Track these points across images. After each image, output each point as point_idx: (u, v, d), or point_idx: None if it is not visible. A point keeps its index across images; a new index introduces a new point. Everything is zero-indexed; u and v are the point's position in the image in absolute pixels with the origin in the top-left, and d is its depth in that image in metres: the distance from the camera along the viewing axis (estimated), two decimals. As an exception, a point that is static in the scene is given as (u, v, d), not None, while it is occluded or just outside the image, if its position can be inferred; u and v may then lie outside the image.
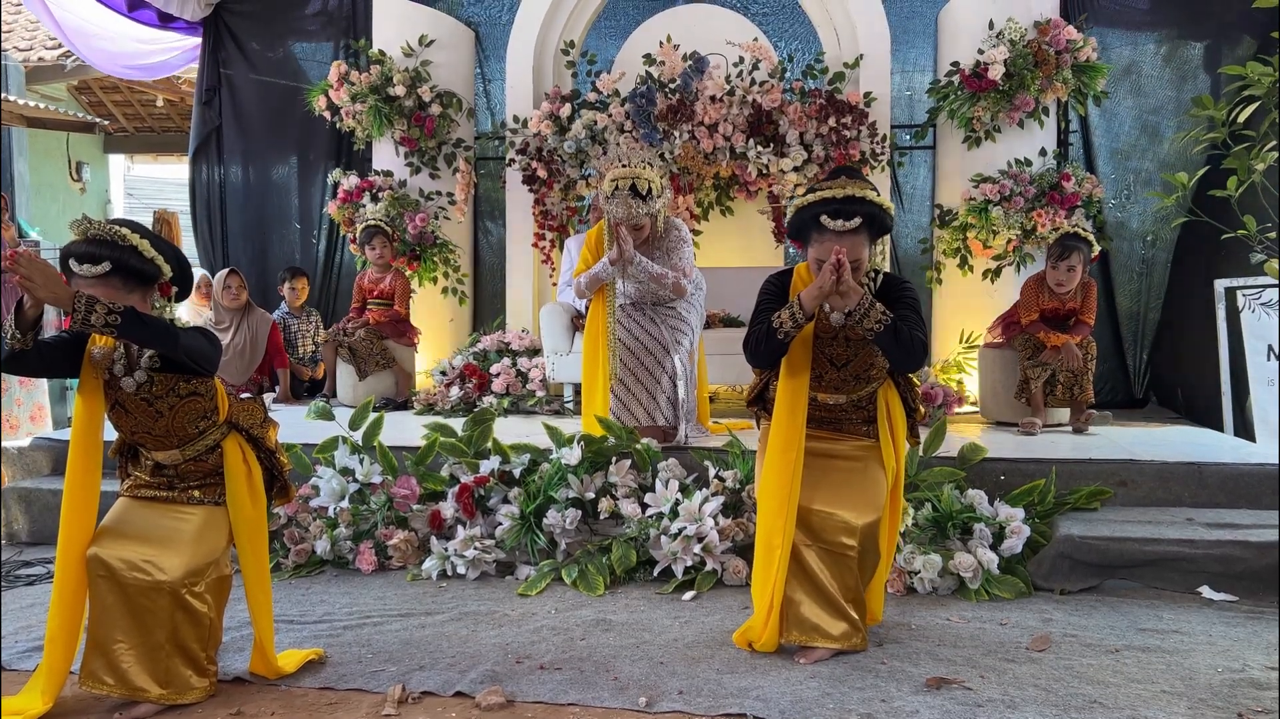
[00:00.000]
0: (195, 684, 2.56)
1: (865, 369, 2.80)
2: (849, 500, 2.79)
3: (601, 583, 3.50)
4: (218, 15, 6.92)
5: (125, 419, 2.58)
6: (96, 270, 2.38)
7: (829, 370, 2.81)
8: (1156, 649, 2.88)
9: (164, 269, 2.50)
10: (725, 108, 5.71)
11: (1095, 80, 5.62)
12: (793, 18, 6.54)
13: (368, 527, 3.86)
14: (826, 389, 2.84)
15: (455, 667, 2.78)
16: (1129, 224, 6.07)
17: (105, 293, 2.38)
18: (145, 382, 2.53)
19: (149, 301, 2.51)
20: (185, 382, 2.55)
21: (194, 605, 2.55)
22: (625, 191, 3.90)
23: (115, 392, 2.55)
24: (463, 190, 6.35)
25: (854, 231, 2.62)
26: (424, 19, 6.41)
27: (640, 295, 4.20)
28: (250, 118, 6.99)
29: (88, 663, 2.54)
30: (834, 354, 2.79)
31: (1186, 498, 3.82)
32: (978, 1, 5.78)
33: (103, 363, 2.54)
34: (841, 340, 2.78)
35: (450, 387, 5.64)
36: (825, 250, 2.63)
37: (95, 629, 2.54)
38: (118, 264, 2.39)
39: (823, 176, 3.42)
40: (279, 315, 6.44)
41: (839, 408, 2.88)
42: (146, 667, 2.52)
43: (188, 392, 2.56)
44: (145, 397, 2.53)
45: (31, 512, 4.22)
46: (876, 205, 2.64)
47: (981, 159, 5.78)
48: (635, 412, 4.10)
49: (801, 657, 2.77)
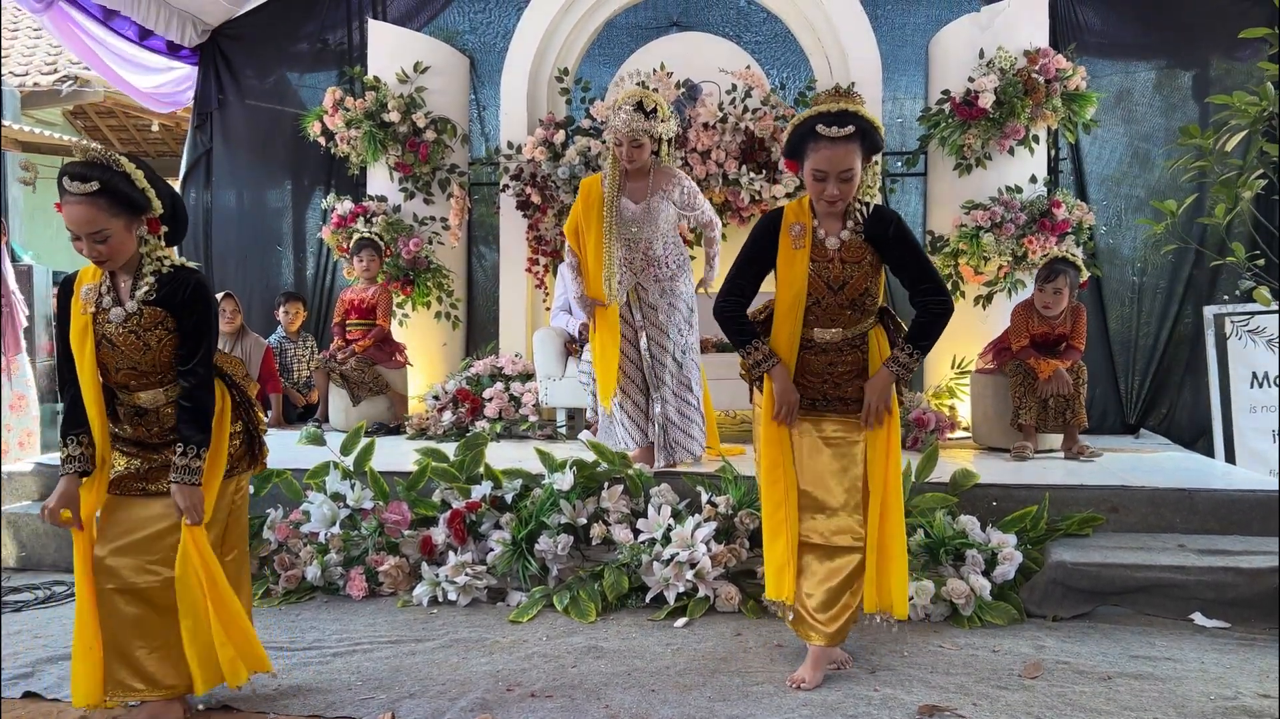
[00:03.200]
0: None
1: (860, 295, 2.82)
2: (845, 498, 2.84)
3: (593, 609, 3.48)
4: (214, 41, 6.97)
5: (112, 354, 2.54)
6: (85, 189, 2.38)
7: (826, 294, 2.82)
8: (1149, 676, 2.87)
9: (154, 202, 2.50)
10: (718, 134, 5.75)
11: (1085, 108, 5.68)
12: (785, 45, 6.60)
13: (358, 553, 3.84)
14: (823, 321, 2.84)
15: (445, 694, 2.76)
16: (1120, 251, 6.11)
17: (91, 213, 2.39)
18: (134, 313, 2.51)
19: (134, 232, 2.49)
20: (172, 316, 2.54)
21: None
22: (630, 105, 3.94)
23: (102, 326, 2.52)
24: (456, 216, 6.37)
25: (847, 139, 2.69)
26: (419, 46, 6.46)
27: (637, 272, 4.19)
28: (245, 143, 7.03)
29: (111, 675, 2.54)
30: (831, 276, 2.80)
31: (1178, 524, 3.82)
32: (968, 30, 5.84)
33: (90, 298, 2.53)
34: (838, 263, 2.80)
35: (443, 411, 5.63)
36: (822, 159, 2.69)
37: (114, 639, 2.53)
38: (106, 185, 2.40)
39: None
40: (275, 339, 6.44)
41: (834, 349, 2.86)
42: (175, 663, 2.53)
43: (175, 326, 2.54)
44: (134, 329, 2.51)
45: (20, 537, 4.20)
46: (867, 120, 2.72)
47: (972, 186, 5.82)
48: (634, 434, 4.16)
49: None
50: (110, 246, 2.45)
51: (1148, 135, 6.04)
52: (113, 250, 2.46)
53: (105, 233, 2.43)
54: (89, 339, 2.52)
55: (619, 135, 3.97)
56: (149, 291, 2.51)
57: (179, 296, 2.51)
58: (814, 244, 2.81)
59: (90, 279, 2.56)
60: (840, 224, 2.81)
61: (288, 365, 6.49)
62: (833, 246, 2.80)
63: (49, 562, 4.11)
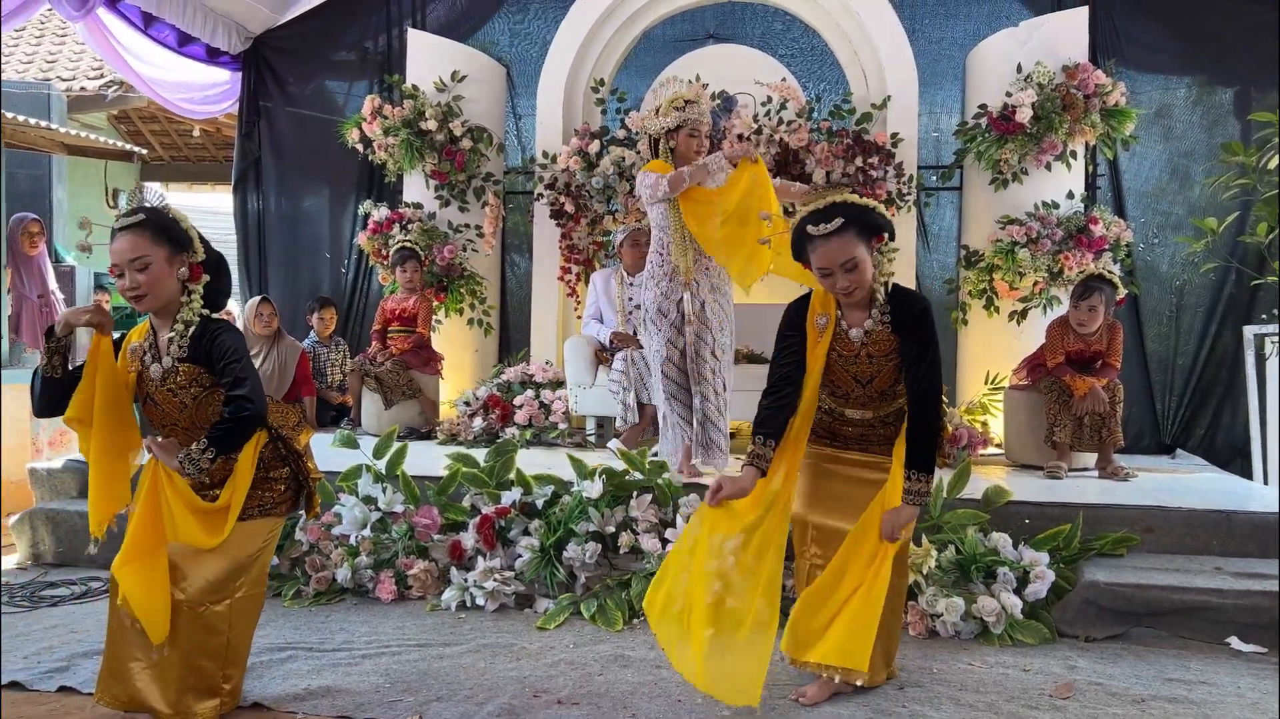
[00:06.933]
0: (198, 710, 2.54)
1: (890, 385, 2.79)
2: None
3: (620, 618, 3.48)
4: (257, 50, 7.08)
5: (155, 411, 2.58)
6: (130, 220, 2.47)
7: (855, 388, 2.80)
8: (1184, 700, 2.83)
9: (196, 244, 2.53)
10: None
11: (1124, 124, 5.62)
12: (821, 59, 6.59)
13: (388, 556, 3.87)
14: (853, 405, 2.84)
15: (472, 699, 2.77)
16: (1158, 268, 6.04)
17: (134, 240, 2.45)
18: (170, 369, 2.52)
19: (175, 270, 2.50)
20: (209, 372, 2.54)
21: (210, 622, 2.55)
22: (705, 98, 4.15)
23: (146, 385, 2.56)
24: (491, 224, 6.41)
25: (839, 233, 2.66)
26: (457, 55, 6.52)
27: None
28: (286, 150, 7.13)
29: (103, 680, 2.57)
30: (858, 372, 2.78)
31: (1215, 546, 3.77)
32: (1006, 44, 5.81)
33: (137, 354, 2.57)
34: (864, 358, 2.77)
35: (474, 417, 5.66)
36: (821, 257, 2.67)
37: (113, 647, 2.56)
38: (151, 217, 2.48)
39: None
40: (308, 344, 6.51)
41: (865, 423, 2.85)
42: (159, 685, 2.52)
43: (211, 382, 2.54)
44: (170, 387, 2.53)
45: (58, 533, 4.27)
46: (856, 207, 2.69)
47: (1008, 201, 5.78)
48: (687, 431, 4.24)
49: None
50: (150, 277, 2.46)
51: (1187, 152, 5.97)
52: (151, 282, 2.47)
53: (145, 259, 2.45)
54: (128, 394, 2.57)
55: (694, 127, 4.05)
56: (180, 346, 2.52)
57: (203, 348, 2.51)
58: (837, 336, 2.78)
59: (138, 338, 2.59)
60: (865, 313, 2.75)
61: (321, 370, 6.55)
62: (857, 339, 2.76)
63: (85, 558, 4.17)
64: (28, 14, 5.58)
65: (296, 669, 3.01)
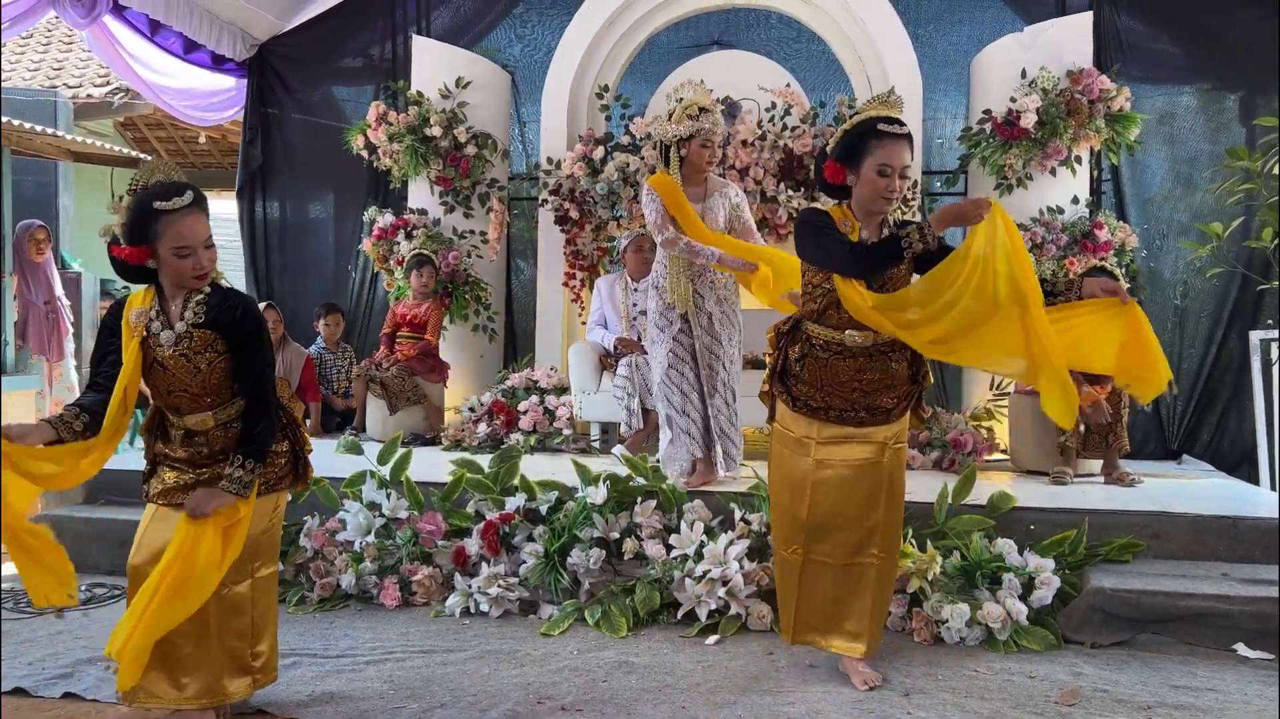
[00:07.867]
0: (231, 691, 2.58)
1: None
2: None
3: (624, 624, 3.48)
4: (262, 57, 7.10)
5: (163, 377, 2.54)
6: (188, 200, 2.43)
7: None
8: (1190, 707, 2.82)
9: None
10: (757, 152, 5.76)
11: (1128, 129, 5.61)
12: (825, 65, 6.60)
13: (392, 562, 3.87)
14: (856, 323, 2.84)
15: (476, 705, 2.77)
16: (1161, 274, 6.02)
17: (203, 220, 2.45)
18: (184, 334, 2.51)
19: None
20: (223, 339, 2.54)
21: (235, 602, 2.58)
22: (717, 108, 4.05)
23: (153, 350, 2.52)
24: (496, 230, 6.42)
25: (907, 138, 2.82)
26: (462, 62, 6.53)
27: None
28: (291, 156, 7.15)
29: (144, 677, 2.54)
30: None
31: (1221, 552, 3.75)
32: (1011, 50, 5.81)
33: (140, 321, 2.53)
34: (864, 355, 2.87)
35: (478, 423, 5.66)
36: (886, 154, 2.76)
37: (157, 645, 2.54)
38: (199, 195, 2.47)
39: None
40: (314, 350, 6.52)
41: (864, 353, 2.86)
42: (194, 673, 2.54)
43: (225, 348, 2.54)
44: (184, 351, 2.51)
45: (63, 540, 4.23)
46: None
47: (1013, 206, 5.76)
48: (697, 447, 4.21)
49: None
50: (214, 254, 2.49)
51: (1191, 158, 5.96)
52: (214, 259, 2.50)
53: (211, 239, 2.47)
54: (138, 361, 2.53)
55: (707, 137, 3.99)
56: (198, 313, 2.51)
57: (228, 318, 2.51)
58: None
59: (140, 303, 2.56)
60: (878, 232, 2.87)
61: (327, 376, 6.56)
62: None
63: (90, 564, 4.16)
64: (32, 20, 5.60)
65: (301, 675, 3.01)
